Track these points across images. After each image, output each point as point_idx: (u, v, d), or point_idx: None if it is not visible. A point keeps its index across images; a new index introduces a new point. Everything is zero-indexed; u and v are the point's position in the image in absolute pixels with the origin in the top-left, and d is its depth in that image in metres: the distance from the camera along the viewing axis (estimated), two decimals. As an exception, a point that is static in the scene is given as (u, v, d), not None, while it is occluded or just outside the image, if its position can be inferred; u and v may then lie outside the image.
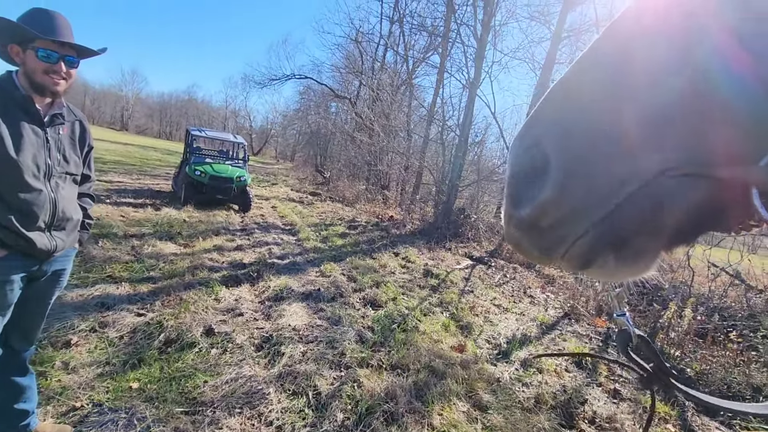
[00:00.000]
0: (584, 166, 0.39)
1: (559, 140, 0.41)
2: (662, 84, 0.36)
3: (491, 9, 10.00)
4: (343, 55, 23.84)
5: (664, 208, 0.37)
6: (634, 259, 0.41)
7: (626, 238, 0.39)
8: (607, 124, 0.38)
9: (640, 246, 0.40)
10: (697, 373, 3.75)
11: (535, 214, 0.41)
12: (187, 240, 5.84)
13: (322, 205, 12.45)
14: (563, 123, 0.41)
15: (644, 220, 0.38)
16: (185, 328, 3.15)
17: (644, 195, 0.37)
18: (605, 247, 0.40)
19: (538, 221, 0.41)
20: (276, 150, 59.67)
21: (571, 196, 0.39)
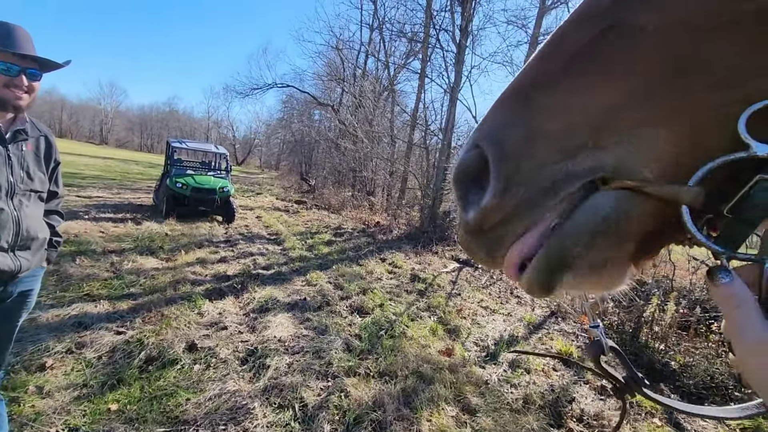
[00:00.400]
0: (521, 173, 0.38)
1: (498, 144, 0.40)
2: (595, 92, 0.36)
3: (469, 14, 10.15)
4: (325, 63, 23.90)
5: (617, 220, 0.36)
6: (595, 274, 0.39)
7: (580, 254, 0.38)
8: (543, 131, 0.38)
9: (597, 260, 0.38)
10: (681, 365, 3.80)
11: (479, 217, 0.40)
12: (169, 254, 5.72)
13: (307, 214, 12.37)
14: (503, 125, 0.41)
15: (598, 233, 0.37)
16: (167, 345, 3.07)
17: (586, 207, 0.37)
18: (561, 269, 0.39)
19: (483, 225, 0.41)
20: (260, 159, 59.33)
21: (510, 200, 0.39)
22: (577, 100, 0.37)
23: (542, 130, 0.38)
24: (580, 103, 0.37)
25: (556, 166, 0.37)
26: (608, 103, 0.36)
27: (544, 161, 0.38)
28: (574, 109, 0.37)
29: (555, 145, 0.37)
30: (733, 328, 0.33)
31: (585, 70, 0.38)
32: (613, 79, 0.36)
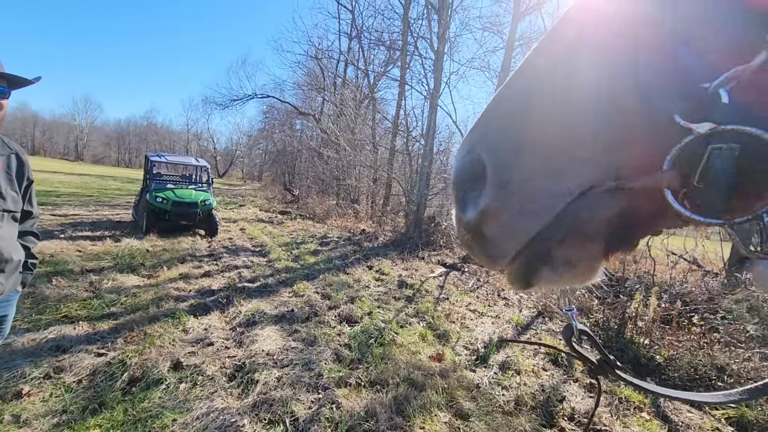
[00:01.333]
0: (517, 183, 0.42)
1: (493, 151, 0.44)
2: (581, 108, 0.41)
3: (445, 21, 10.31)
4: (305, 73, 23.92)
5: (589, 221, 0.41)
6: (569, 269, 0.44)
7: (556, 252, 0.42)
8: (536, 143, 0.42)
9: (571, 256, 0.43)
10: (665, 359, 3.88)
11: (478, 218, 0.44)
12: (150, 270, 5.58)
13: (292, 224, 12.27)
14: (497, 133, 0.45)
15: (571, 233, 0.42)
16: (151, 365, 2.98)
17: (572, 209, 0.41)
18: (546, 263, 0.43)
19: (482, 226, 0.44)
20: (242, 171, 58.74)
21: (508, 208, 0.42)
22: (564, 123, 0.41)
23: (537, 143, 0.42)
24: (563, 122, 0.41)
25: (550, 179, 0.41)
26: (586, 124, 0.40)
27: (535, 172, 0.42)
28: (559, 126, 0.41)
29: (548, 161, 0.41)
30: None
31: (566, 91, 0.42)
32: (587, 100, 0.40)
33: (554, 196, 0.41)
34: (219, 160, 60.21)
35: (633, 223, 0.42)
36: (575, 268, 0.43)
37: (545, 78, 0.43)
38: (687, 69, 0.38)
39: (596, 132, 0.40)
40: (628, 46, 0.39)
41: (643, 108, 0.39)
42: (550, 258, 0.43)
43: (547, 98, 0.42)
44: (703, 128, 0.36)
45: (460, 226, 0.48)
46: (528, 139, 0.42)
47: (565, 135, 0.41)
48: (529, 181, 0.42)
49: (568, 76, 0.42)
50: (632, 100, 0.39)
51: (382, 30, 16.29)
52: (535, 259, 0.43)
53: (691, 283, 6.38)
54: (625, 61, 0.39)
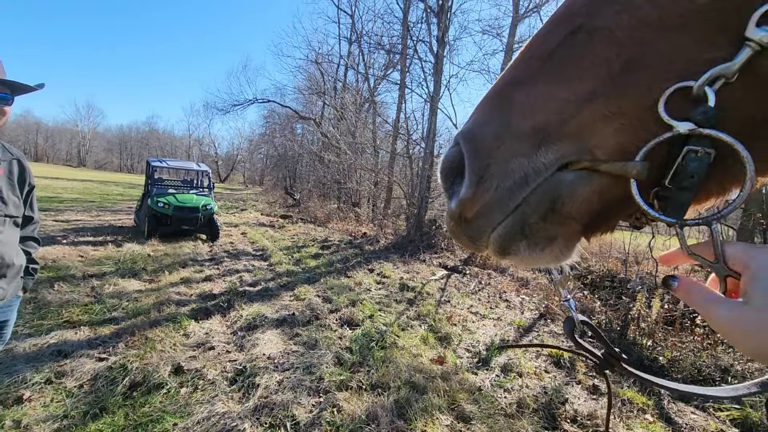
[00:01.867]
0: (492, 166, 0.43)
1: (471, 141, 0.45)
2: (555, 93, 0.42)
3: (444, 25, 10.35)
4: (305, 77, 24.02)
5: (563, 199, 0.42)
6: (545, 245, 0.44)
7: (533, 226, 0.43)
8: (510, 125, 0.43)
9: (547, 233, 0.44)
10: (669, 360, 3.86)
11: (459, 208, 0.45)
12: (152, 275, 5.59)
13: (293, 228, 12.28)
14: (474, 126, 0.46)
15: (547, 210, 0.42)
16: (152, 369, 2.98)
17: (547, 187, 0.42)
18: (516, 236, 0.44)
19: (463, 213, 0.46)
20: (244, 175, 58.89)
21: (483, 193, 0.43)
22: (540, 101, 0.42)
23: (511, 127, 0.43)
24: (542, 103, 0.42)
25: (524, 160, 0.42)
26: (566, 103, 0.41)
27: (513, 155, 0.42)
28: (537, 108, 0.42)
29: (522, 141, 0.42)
30: (703, 314, 0.38)
31: (549, 73, 0.43)
32: (571, 81, 0.41)
33: (529, 172, 0.42)
34: (220, 164, 60.38)
35: (608, 206, 0.43)
36: (552, 244, 0.44)
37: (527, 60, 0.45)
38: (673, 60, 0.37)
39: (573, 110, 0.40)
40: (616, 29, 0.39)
41: (626, 93, 0.39)
42: (530, 230, 0.43)
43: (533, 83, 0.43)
44: (683, 128, 0.36)
45: (447, 216, 0.50)
46: (504, 122, 0.43)
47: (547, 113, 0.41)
48: (505, 162, 0.42)
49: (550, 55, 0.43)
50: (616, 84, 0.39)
51: (382, 34, 16.36)
52: (514, 230, 0.44)
53: (694, 284, 6.36)
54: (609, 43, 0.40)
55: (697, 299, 0.39)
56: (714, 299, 0.38)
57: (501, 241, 0.45)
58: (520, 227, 0.43)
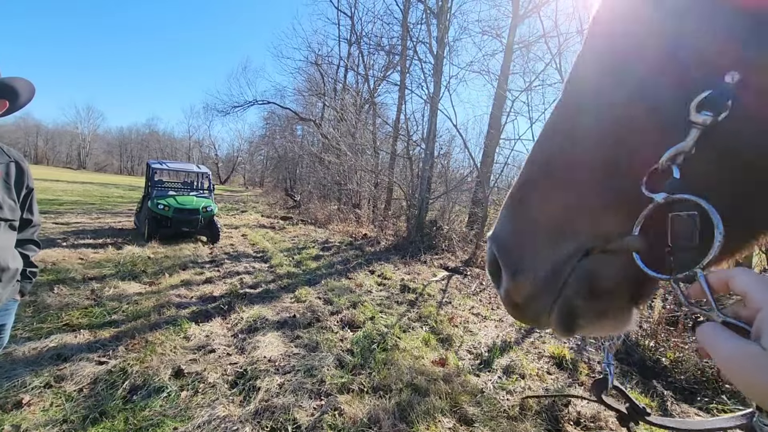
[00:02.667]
0: (524, 260, 0.51)
1: (497, 241, 0.55)
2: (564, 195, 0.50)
3: (444, 26, 10.35)
4: (305, 79, 24.04)
5: (595, 280, 0.48)
6: (598, 320, 0.50)
7: (581, 307, 0.49)
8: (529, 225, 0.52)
9: (597, 309, 0.49)
10: (672, 361, 3.84)
11: (505, 297, 0.54)
12: (152, 278, 5.58)
13: (294, 229, 12.27)
14: (499, 227, 0.56)
15: (587, 291, 0.48)
16: (152, 373, 2.97)
17: (579, 273, 0.48)
18: (569, 316, 0.50)
19: (512, 300, 0.53)
20: (244, 177, 58.92)
21: (523, 283, 0.51)
22: (552, 204, 0.50)
23: (530, 226, 0.51)
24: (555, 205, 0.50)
25: (550, 251, 0.49)
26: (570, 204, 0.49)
27: (538, 250, 0.50)
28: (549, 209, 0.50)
29: (543, 237, 0.50)
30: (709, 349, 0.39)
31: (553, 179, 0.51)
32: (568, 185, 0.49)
33: (557, 261, 0.49)
34: (221, 166, 60.37)
35: (636, 277, 0.47)
36: (606, 318, 0.50)
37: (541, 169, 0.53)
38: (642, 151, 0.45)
39: (580, 208, 0.48)
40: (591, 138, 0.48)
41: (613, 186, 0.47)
42: (581, 310, 0.49)
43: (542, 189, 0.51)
44: (659, 198, 0.43)
45: (502, 300, 0.57)
46: (524, 223, 0.52)
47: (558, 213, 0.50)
48: (533, 256, 0.50)
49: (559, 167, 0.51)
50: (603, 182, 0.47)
51: (382, 35, 16.38)
52: (567, 312, 0.50)
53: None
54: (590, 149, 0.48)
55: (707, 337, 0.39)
56: (722, 334, 0.38)
57: (560, 321, 0.51)
58: (569, 308, 0.50)
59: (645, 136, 0.45)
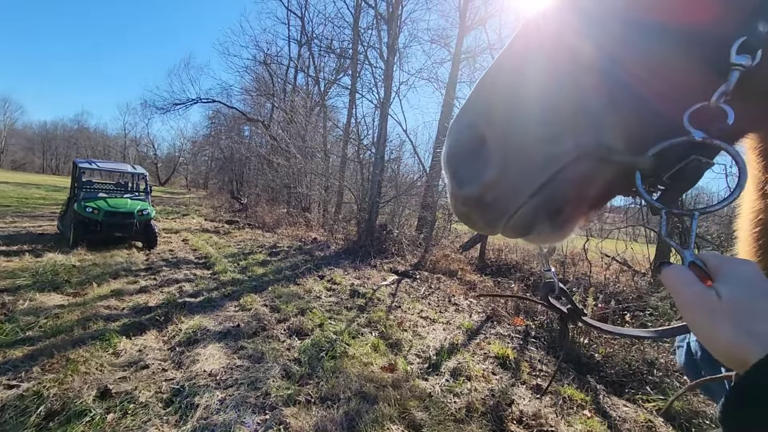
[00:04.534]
0: (518, 150, 0.45)
1: (494, 124, 0.46)
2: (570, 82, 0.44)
3: (394, 32, 10.48)
4: (253, 78, 23.34)
5: (584, 184, 0.46)
6: (563, 225, 0.49)
7: (559, 208, 0.47)
8: (534, 113, 0.45)
9: (569, 214, 0.48)
10: (603, 356, 4.11)
11: (480, 191, 0.47)
12: (77, 288, 5.08)
13: (240, 234, 11.78)
14: (496, 108, 0.47)
15: (570, 194, 0.46)
16: (73, 395, 2.68)
17: (568, 174, 0.45)
18: (542, 216, 0.47)
19: (483, 197, 0.47)
20: (186, 178, 55.90)
21: (509, 175, 0.45)
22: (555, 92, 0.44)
23: (531, 114, 0.45)
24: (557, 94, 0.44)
25: (545, 146, 0.44)
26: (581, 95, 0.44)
27: (535, 141, 0.45)
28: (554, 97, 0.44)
29: (544, 128, 0.44)
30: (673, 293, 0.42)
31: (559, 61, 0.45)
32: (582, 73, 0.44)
33: (550, 158, 0.44)
34: (160, 167, 56.78)
35: (611, 190, 0.48)
36: (570, 223, 0.49)
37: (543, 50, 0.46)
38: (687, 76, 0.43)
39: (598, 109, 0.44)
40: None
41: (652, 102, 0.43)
42: (555, 212, 0.47)
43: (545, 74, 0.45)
44: (698, 136, 0.42)
45: (457, 201, 0.50)
46: (526, 110, 0.45)
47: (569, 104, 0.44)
48: (529, 147, 0.45)
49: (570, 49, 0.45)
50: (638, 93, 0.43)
51: (333, 38, 16.30)
52: (540, 211, 0.47)
53: (623, 283, 6.88)
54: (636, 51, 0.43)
55: (672, 279, 0.42)
56: (685, 278, 0.41)
57: (526, 221, 0.47)
58: (547, 208, 0.47)
59: (691, 70, 0.43)
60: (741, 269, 0.41)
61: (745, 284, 0.39)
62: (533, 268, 8.24)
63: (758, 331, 0.36)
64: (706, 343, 0.40)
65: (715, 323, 0.38)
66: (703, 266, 0.42)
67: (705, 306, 0.39)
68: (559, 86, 0.44)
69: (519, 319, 5.28)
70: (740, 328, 0.37)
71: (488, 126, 0.46)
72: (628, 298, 6.02)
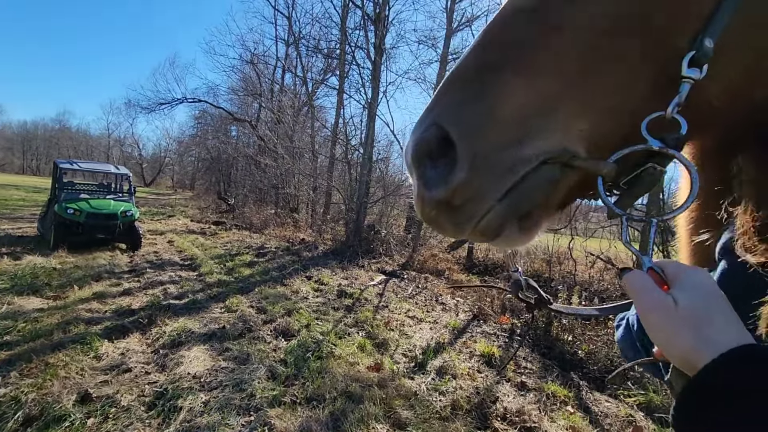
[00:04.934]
0: (486, 152, 0.45)
1: (462, 125, 0.46)
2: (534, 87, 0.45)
3: (381, 33, 10.49)
4: (240, 78, 23.08)
5: (549, 189, 0.47)
6: (531, 228, 0.50)
7: (527, 212, 0.48)
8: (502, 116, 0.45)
9: (536, 217, 0.49)
10: (586, 353, 4.19)
11: (448, 194, 0.46)
12: (57, 291, 4.98)
13: (227, 235, 11.66)
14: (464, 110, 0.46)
15: (537, 198, 0.47)
16: (52, 400, 2.63)
17: (536, 179, 0.46)
18: (510, 220, 0.48)
19: (451, 200, 0.46)
20: (173, 179, 55.07)
21: (477, 179, 0.45)
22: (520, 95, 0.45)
23: (496, 115, 0.45)
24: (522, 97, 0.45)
25: (513, 150, 0.45)
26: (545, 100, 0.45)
27: (502, 143, 0.45)
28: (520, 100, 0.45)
29: (509, 131, 0.45)
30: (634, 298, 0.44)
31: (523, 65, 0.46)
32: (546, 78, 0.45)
33: (517, 161, 0.45)
34: (145, 167, 55.76)
35: (572, 194, 0.50)
36: (537, 226, 0.50)
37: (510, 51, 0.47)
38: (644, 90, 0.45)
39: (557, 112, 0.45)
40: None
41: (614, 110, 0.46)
42: (522, 216, 0.48)
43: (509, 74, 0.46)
44: (656, 145, 0.44)
45: (424, 204, 0.49)
46: (488, 109, 0.45)
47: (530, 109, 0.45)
48: (496, 149, 0.45)
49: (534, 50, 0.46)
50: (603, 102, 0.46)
51: (320, 38, 16.21)
52: (508, 215, 0.47)
53: (607, 281, 7.00)
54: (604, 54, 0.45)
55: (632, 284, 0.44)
56: (645, 284, 0.43)
57: (495, 224, 0.48)
58: (514, 213, 0.47)
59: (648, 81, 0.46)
60: (696, 278, 0.43)
61: (700, 292, 0.41)
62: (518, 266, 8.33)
63: (710, 337, 0.38)
64: (663, 347, 0.42)
65: (672, 328, 0.40)
66: (661, 272, 0.44)
67: (662, 311, 0.41)
68: (525, 91, 0.45)
69: (505, 318, 5.33)
70: (695, 333, 0.39)
71: (456, 127, 0.45)
72: (612, 296, 6.13)
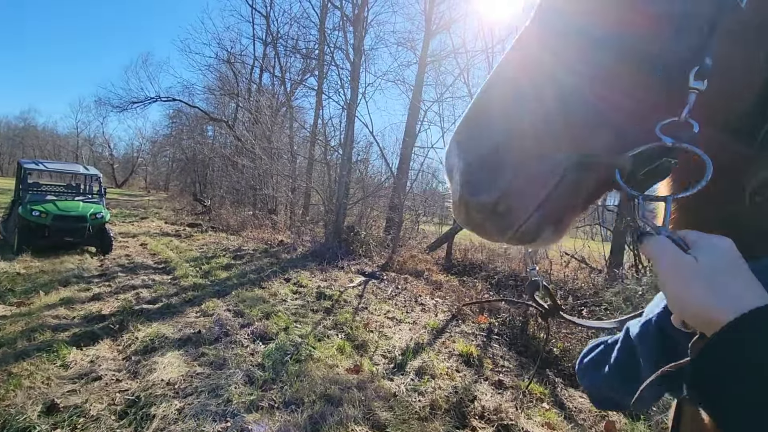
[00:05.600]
0: (528, 161, 0.50)
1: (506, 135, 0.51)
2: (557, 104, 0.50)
3: (360, 34, 10.50)
4: (216, 77, 22.68)
5: (580, 190, 0.52)
6: (563, 229, 0.54)
7: (560, 216, 0.53)
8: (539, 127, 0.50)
9: (567, 219, 0.54)
10: (561, 351, 4.29)
11: (496, 199, 0.50)
12: (21, 297, 4.77)
13: (203, 237, 11.41)
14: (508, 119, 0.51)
15: (569, 201, 0.52)
16: (15, 411, 2.52)
17: (566, 183, 0.50)
18: (547, 224, 0.53)
19: (497, 206, 0.50)
20: (146, 180, 53.47)
21: (520, 187, 0.50)
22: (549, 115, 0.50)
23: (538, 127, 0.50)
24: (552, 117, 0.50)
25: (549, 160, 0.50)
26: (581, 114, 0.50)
27: (542, 155, 0.50)
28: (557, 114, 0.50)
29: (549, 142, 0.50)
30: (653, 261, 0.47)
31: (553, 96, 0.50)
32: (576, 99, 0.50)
33: (553, 169, 0.50)
34: (117, 168, 53.85)
35: (598, 191, 0.54)
36: (567, 228, 0.55)
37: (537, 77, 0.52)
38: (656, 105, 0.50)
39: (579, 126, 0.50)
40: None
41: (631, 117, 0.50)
42: (558, 219, 0.53)
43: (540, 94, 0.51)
44: (669, 142, 0.48)
45: (469, 208, 0.52)
46: (533, 124, 0.50)
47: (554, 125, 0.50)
48: (537, 160, 0.50)
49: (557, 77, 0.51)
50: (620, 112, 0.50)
51: (298, 38, 16.12)
52: (547, 219, 0.52)
53: (581, 279, 7.19)
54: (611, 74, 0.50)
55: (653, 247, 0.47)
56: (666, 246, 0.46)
57: (533, 230, 0.52)
58: (550, 218, 0.52)
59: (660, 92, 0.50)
60: (716, 240, 0.45)
61: (721, 252, 0.44)
62: (498, 267, 8.46)
63: (732, 292, 0.40)
64: (677, 305, 0.44)
65: (690, 284, 0.42)
66: (680, 240, 0.47)
67: (683, 268, 0.43)
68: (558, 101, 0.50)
69: (483, 317, 5.41)
70: (714, 289, 0.40)
71: (502, 136, 0.50)
72: (586, 294, 6.30)
